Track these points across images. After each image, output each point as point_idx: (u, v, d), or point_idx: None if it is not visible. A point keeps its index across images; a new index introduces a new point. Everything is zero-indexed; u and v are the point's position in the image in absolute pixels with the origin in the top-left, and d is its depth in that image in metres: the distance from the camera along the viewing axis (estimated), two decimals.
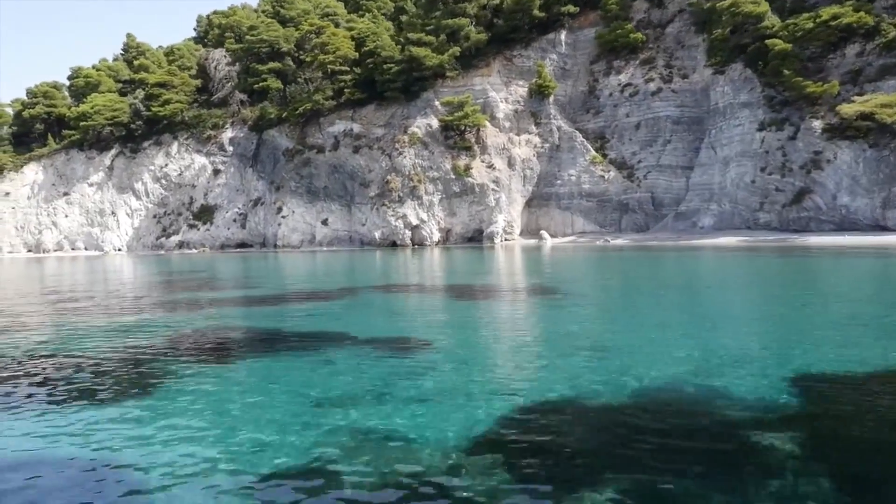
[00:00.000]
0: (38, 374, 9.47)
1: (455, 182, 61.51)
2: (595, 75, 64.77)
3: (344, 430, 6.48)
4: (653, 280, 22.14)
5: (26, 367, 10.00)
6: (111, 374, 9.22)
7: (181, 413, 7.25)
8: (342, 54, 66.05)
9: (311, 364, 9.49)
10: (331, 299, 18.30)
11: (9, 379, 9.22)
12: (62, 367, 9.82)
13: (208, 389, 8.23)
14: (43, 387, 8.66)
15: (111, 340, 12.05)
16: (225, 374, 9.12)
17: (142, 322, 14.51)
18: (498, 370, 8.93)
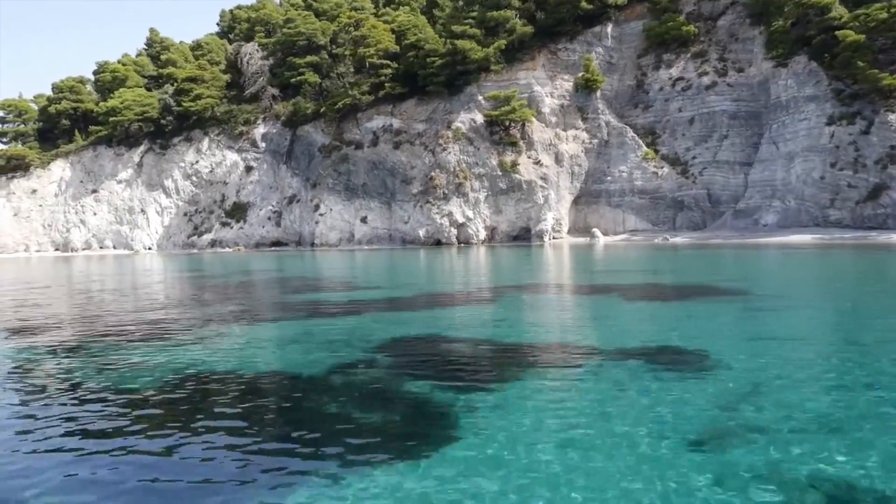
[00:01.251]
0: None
1: (501, 179, 59.78)
2: (643, 69, 63.05)
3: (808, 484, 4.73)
4: (829, 279, 20.43)
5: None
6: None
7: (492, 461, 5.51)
8: (383, 47, 64.27)
9: (635, 384, 7.74)
10: (496, 301, 16.55)
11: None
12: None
13: (514, 431, 6.37)
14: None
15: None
16: (527, 395, 7.34)
17: (343, 342, 12.77)
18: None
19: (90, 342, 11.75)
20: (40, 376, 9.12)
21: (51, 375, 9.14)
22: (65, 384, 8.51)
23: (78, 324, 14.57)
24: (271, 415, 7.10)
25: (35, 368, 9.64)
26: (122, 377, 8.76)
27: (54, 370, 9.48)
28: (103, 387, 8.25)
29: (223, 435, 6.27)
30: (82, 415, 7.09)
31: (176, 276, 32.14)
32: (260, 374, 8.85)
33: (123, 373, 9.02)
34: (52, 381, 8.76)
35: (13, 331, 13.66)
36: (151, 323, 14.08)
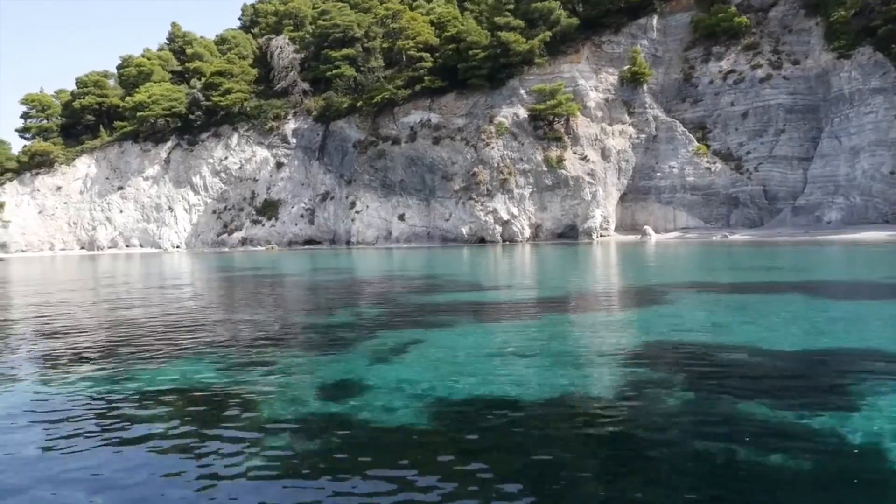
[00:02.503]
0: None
1: (547, 175, 58.00)
2: (690, 62, 61.32)
3: None
4: None
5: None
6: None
7: None
8: (422, 40, 62.44)
9: None
10: (684, 301, 14.74)
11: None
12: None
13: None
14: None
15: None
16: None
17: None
18: None
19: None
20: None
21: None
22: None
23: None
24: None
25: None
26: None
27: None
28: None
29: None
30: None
31: (238, 275, 30.26)
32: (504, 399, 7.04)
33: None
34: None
35: (42, 340, 11.89)
36: (325, 334, 12.23)
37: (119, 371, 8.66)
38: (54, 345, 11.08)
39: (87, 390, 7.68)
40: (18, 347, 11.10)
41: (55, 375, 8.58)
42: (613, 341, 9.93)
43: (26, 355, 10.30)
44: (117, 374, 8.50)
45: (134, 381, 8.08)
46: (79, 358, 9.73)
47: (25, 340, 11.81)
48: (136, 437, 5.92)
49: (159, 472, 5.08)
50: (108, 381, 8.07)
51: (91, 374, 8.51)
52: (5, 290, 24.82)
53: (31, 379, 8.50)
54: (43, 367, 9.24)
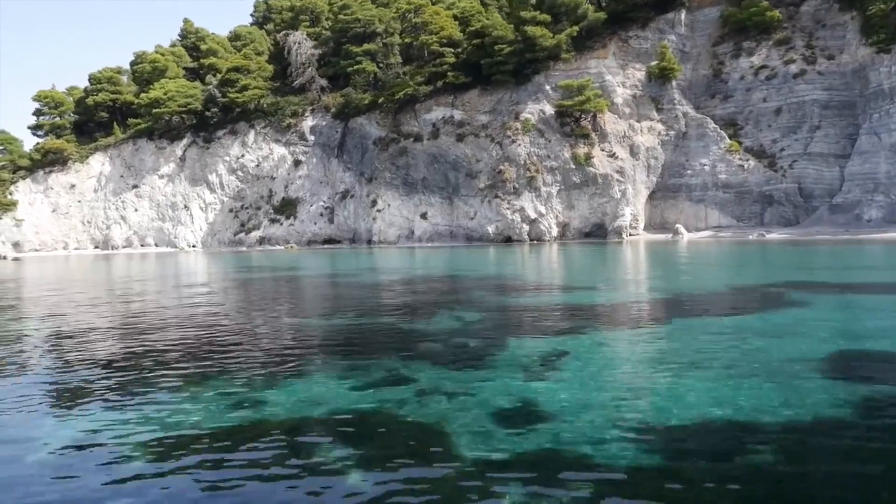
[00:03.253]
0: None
1: (575, 172, 56.78)
2: (719, 58, 60.12)
3: None
4: None
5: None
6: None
7: None
8: (446, 35, 61.19)
9: None
10: (804, 305, 13.53)
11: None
12: None
13: None
14: None
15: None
16: None
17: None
18: None
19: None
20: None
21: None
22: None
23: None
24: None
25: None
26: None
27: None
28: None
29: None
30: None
31: (278, 275, 29.01)
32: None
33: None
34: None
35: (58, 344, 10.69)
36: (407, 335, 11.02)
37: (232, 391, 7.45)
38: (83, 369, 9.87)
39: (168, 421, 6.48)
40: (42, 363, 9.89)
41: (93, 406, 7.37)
42: (785, 349, 8.68)
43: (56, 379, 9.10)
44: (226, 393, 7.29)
45: (266, 408, 6.87)
46: (147, 387, 8.52)
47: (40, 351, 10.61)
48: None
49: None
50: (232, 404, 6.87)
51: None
52: (36, 294, 23.60)
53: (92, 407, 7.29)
54: (75, 395, 8.03)
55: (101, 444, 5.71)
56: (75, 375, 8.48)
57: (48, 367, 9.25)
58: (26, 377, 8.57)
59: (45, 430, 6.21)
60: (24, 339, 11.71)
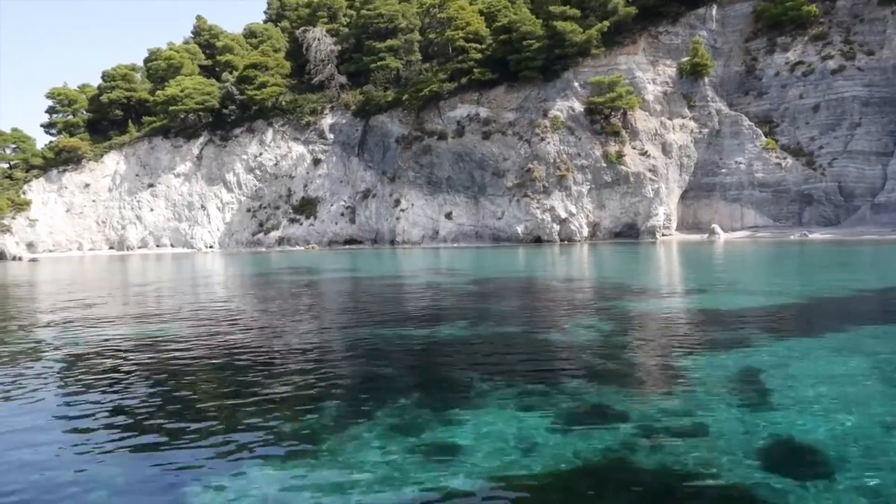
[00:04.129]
0: None
1: (606, 171, 55.37)
2: (752, 54, 58.67)
3: None
4: None
5: None
6: None
7: None
8: (473, 30, 59.74)
9: None
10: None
11: None
12: None
13: None
14: None
15: None
16: None
17: None
18: None
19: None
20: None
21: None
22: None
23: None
24: None
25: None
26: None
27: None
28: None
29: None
30: None
31: (321, 278, 27.52)
32: None
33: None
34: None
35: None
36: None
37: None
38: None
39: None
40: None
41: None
42: None
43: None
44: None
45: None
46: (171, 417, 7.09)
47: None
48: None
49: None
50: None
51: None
52: (67, 299, 22.15)
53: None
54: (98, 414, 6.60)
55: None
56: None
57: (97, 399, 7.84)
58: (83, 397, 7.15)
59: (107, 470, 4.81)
60: (69, 352, 10.27)
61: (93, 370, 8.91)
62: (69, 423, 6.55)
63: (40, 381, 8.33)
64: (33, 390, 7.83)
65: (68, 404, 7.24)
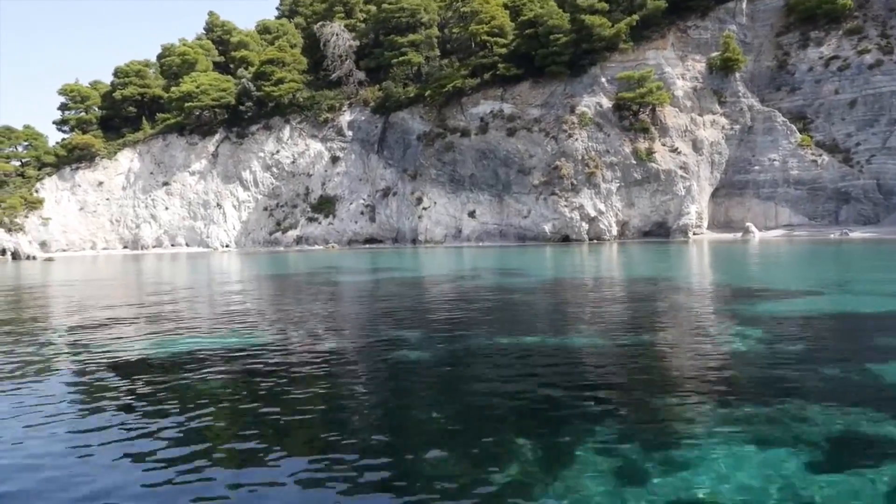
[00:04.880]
0: None
1: (636, 168, 54.03)
2: (784, 48, 57.33)
3: None
4: None
5: None
6: None
7: None
8: (498, 24, 58.40)
9: None
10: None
11: None
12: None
13: None
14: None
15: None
16: None
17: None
18: None
19: None
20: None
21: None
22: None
23: None
24: None
25: None
26: None
27: None
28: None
29: None
30: None
31: (358, 279, 26.15)
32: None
33: None
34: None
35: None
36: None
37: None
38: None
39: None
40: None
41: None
42: None
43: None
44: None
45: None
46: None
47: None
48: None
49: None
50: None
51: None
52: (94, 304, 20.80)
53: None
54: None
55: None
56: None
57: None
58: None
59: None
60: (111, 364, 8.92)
61: (173, 384, 7.58)
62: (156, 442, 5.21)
63: (105, 391, 7.00)
64: (93, 402, 6.51)
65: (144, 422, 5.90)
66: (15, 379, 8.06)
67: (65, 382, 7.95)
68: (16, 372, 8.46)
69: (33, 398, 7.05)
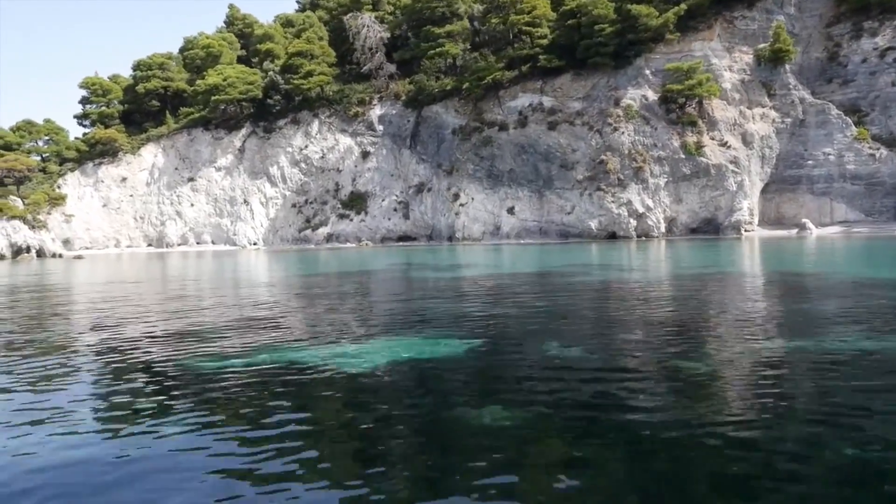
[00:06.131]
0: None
1: (685, 163, 52.25)
2: (835, 39, 55.59)
3: None
4: None
5: None
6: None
7: None
8: (539, 13, 56.55)
9: None
10: None
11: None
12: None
13: None
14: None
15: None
16: None
17: None
18: None
19: None
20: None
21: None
22: None
23: None
24: None
25: None
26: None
27: None
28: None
29: None
30: None
31: (441, 275, 24.32)
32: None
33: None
34: None
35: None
36: None
37: None
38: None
39: None
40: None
41: None
42: None
43: None
44: None
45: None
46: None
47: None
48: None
49: None
50: None
51: None
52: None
53: None
54: None
55: None
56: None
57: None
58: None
59: None
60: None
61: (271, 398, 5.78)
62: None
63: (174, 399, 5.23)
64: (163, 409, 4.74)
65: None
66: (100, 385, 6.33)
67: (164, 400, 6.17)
68: (102, 378, 6.69)
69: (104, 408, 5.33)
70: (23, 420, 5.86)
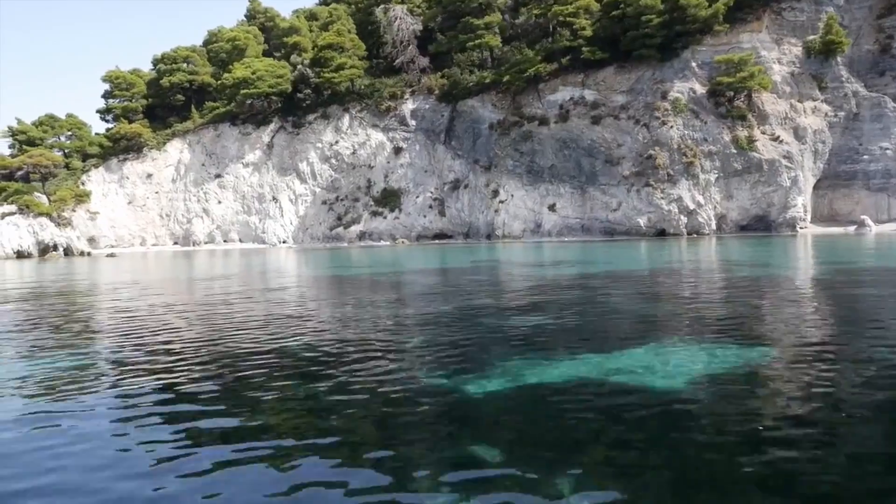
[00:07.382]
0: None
1: (736, 158, 50.68)
2: (888, 31, 54.03)
3: None
4: None
5: None
6: None
7: None
8: (583, 4, 54.91)
9: None
10: None
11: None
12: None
13: None
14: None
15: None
16: None
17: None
18: None
19: None
20: None
21: None
22: None
23: None
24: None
25: None
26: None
27: None
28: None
29: None
30: None
31: (558, 273, 22.66)
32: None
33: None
34: None
35: None
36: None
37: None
38: None
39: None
40: None
41: None
42: None
43: None
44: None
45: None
46: None
47: None
48: None
49: None
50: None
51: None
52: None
53: None
54: None
55: None
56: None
57: None
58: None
59: None
60: None
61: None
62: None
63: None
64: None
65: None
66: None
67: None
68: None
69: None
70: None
